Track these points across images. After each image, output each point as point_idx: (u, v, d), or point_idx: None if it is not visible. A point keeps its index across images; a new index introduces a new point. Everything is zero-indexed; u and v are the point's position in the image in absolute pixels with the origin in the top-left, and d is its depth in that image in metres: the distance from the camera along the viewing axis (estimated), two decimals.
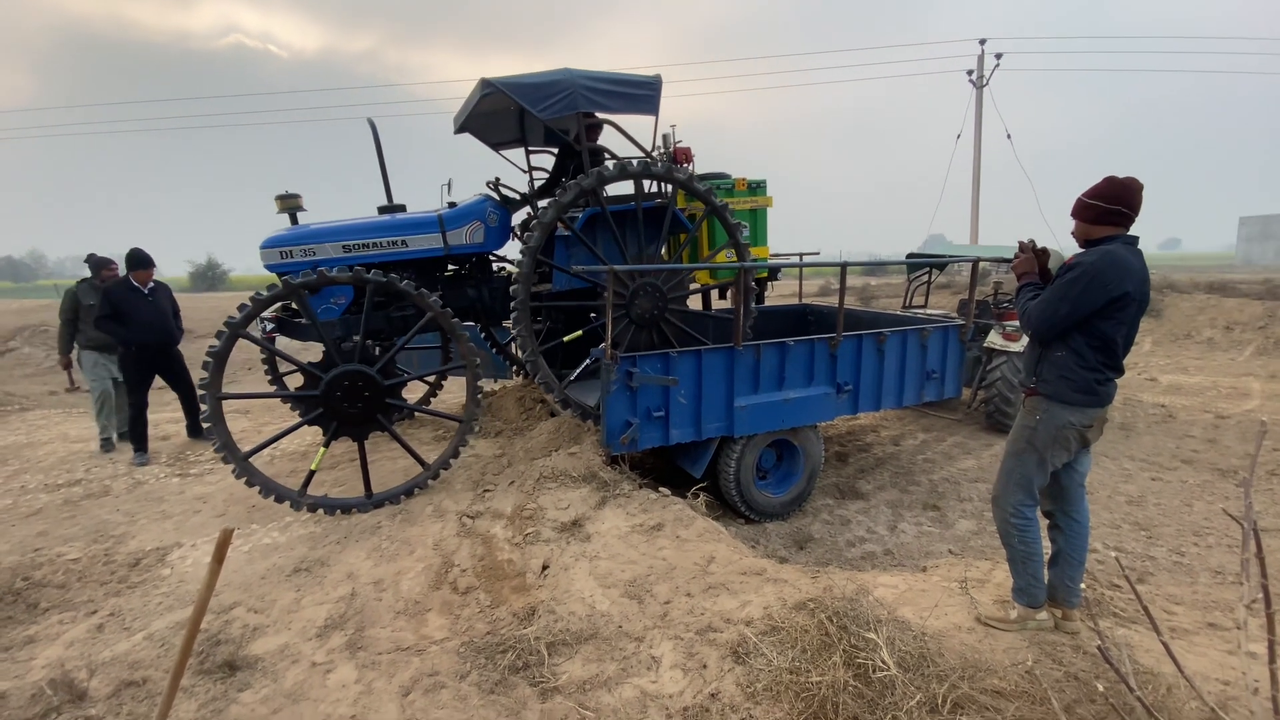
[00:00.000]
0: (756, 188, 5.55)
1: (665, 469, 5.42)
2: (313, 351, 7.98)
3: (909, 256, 8.26)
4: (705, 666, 2.50)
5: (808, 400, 4.87)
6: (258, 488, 4.03)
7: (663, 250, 5.13)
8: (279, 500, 4.07)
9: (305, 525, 4.08)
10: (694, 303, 5.75)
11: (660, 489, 4.22)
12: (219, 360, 3.87)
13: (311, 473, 4.21)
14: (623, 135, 4.81)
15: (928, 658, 2.32)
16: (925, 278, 8.97)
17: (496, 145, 5.85)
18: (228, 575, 3.47)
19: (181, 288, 37.81)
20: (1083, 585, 2.67)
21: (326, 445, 4.23)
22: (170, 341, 5.86)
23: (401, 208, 5.03)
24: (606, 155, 5.01)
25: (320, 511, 4.18)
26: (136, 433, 5.65)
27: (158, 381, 5.94)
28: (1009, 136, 18.27)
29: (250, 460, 4.05)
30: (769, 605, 2.78)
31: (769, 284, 6.39)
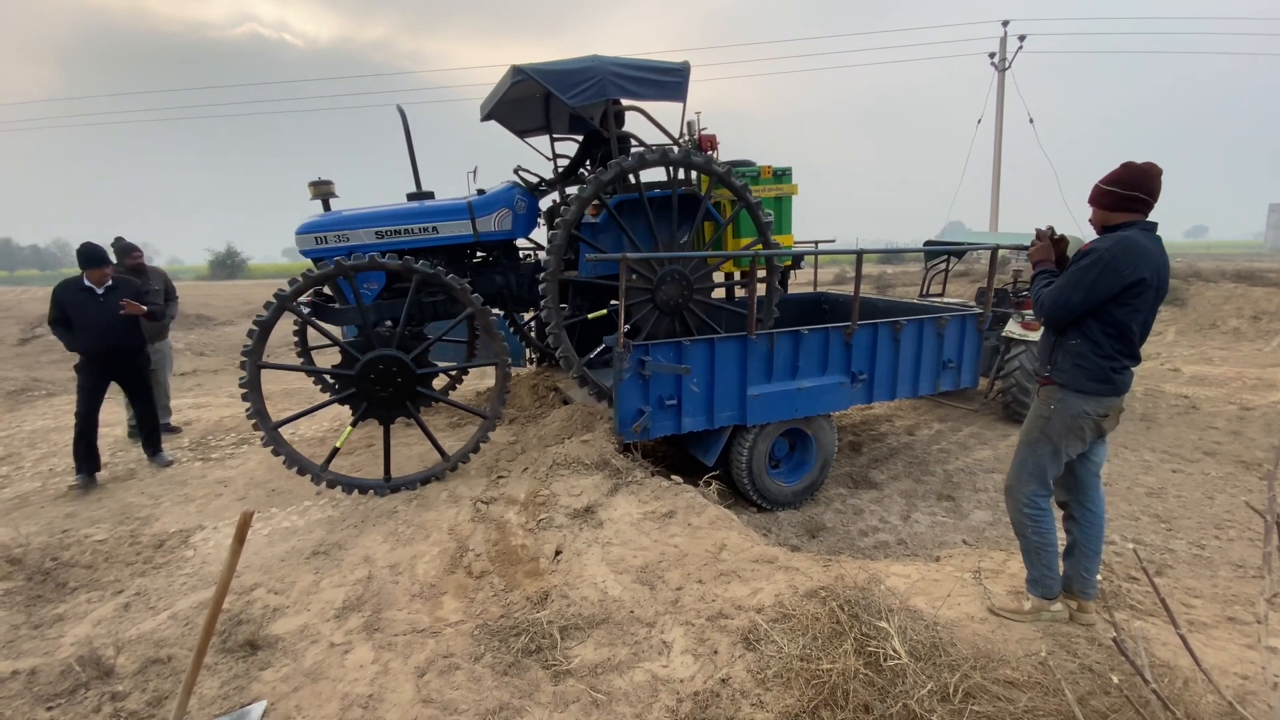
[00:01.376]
0: (782, 175, 5.52)
1: (678, 457, 5.44)
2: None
3: (926, 244, 8.15)
4: (716, 652, 2.51)
5: (822, 389, 4.84)
6: (283, 457, 4.10)
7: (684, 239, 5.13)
8: (301, 472, 4.12)
9: (323, 509, 4.15)
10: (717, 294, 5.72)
11: (672, 477, 4.23)
12: (264, 329, 3.94)
13: (335, 450, 4.31)
14: (651, 123, 4.81)
15: (940, 647, 2.31)
16: (943, 266, 8.86)
17: (522, 132, 5.89)
18: (248, 558, 3.54)
19: (201, 275, 38.33)
20: (1098, 577, 2.64)
21: (354, 425, 4.32)
22: (127, 349, 4.91)
23: (430, 195, 5.08)
24: (633, 142, 5.01)
25: (338, 490, 4.24)
26: (79, 450, 4.79)
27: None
28: (1031, 120, 17.93)
29: (279, 431, 4.12)
30: (780, 593, 2.79)
31: (791, 272, 6.36)
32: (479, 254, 5.36)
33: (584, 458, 4.29)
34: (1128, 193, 2.32)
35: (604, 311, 5.00)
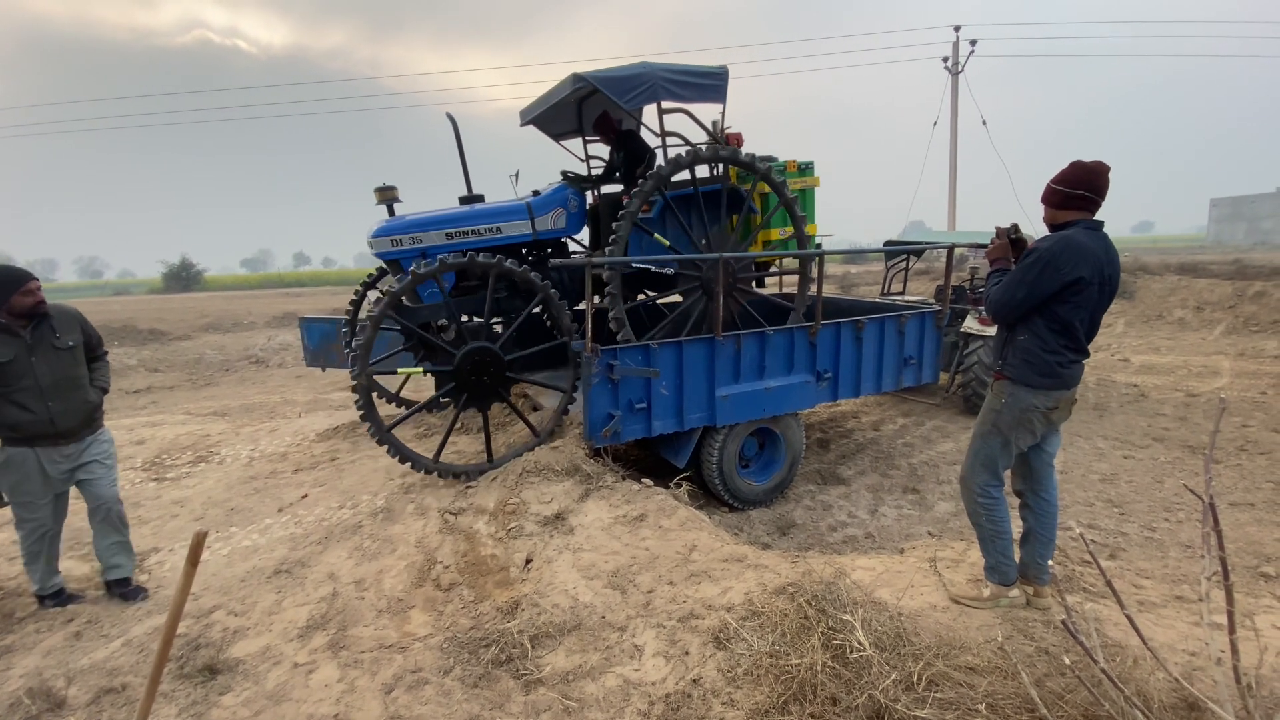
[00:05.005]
0: (805, 169, 5.74)
1: (649, 460, 5.45)
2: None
3: (886, 244, 8.34)
4: (687, 653, 2.53)
5: (788, 388, 4.91)
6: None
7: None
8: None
9: (285, 527, 4.05)
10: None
11: (643, 480, 4.24)
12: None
13: (402, 384, 4.82)
14: (697, 123, 5.00)
15: (903, 637, 2.36)
16: (903, 264, 9.07)
17: (557, 136, 6.12)
18: (207, 579, 3.44)
19: (154, 289, 37.07)
20: (1051, 562, 2.73)
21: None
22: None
23: (480, 197, 5.22)
24: (679, 141, 5.17)
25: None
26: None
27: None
28: (984, 122, 18.44)
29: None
30: (750, 591, 2.82)
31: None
32: (534, 251, 5.54)
33: (554, 464, 4.27)
34: (1073, 191, 2.41)
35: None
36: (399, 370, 4.64)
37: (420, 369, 4.55)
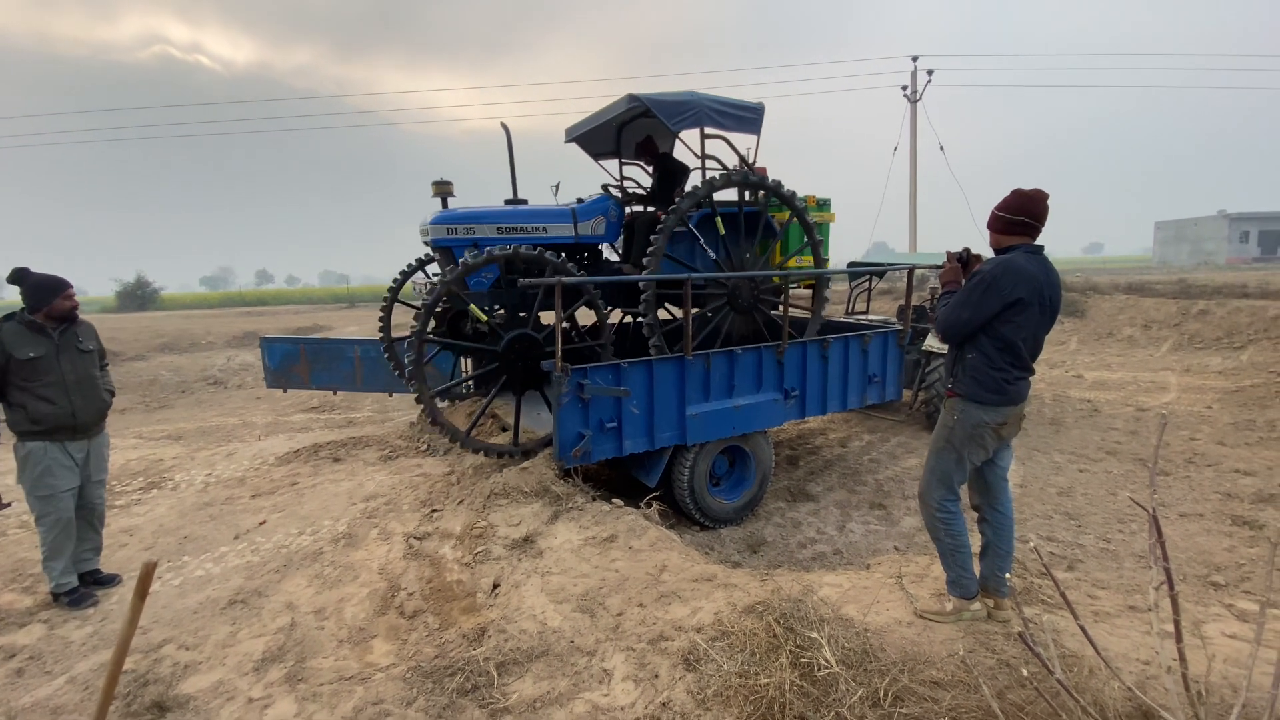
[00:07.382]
0: (823, 204, 6.06)
1: (619, 479, 5.43)
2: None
3: (850, 265, 8.54)
4: (657, 676, 2.50)
5: (757, 406, 4.97)
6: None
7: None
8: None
9: (241, 555, 3.91)
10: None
11: (614, 500, 4.22)
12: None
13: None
14: (734, 151, 5.32)
15: (870, 653, 2.39)
16: (866, 285, 9.29)
17: (596, 155, 6.48)
18: (157, 611, 3.29)
19: (108, 308, 35.75)
20: (1008, 575, 2.79)
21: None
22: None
23: (524, 202, 5.50)
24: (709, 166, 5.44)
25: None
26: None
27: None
28: (942, 148, 19.11)
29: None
30: (719, 610, 2.82)
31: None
32: (574, 254, 5.75)
33: (523, 486, 4.23)
34: (1015, 217, 2.53)
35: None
36: (472, 308, 4.78)
37: (485, 317, 4.76)
